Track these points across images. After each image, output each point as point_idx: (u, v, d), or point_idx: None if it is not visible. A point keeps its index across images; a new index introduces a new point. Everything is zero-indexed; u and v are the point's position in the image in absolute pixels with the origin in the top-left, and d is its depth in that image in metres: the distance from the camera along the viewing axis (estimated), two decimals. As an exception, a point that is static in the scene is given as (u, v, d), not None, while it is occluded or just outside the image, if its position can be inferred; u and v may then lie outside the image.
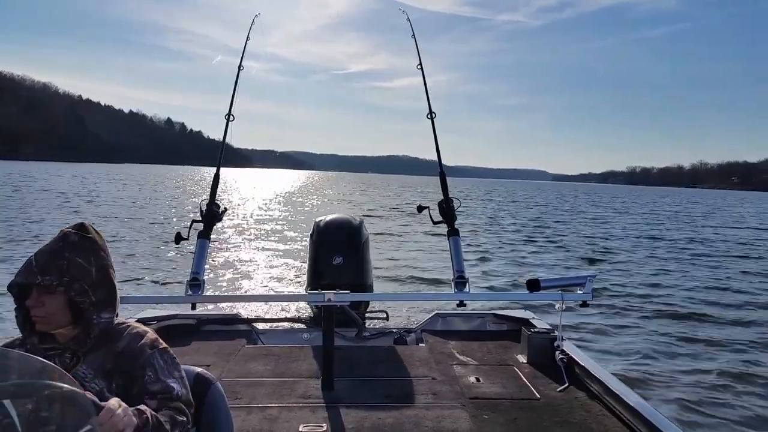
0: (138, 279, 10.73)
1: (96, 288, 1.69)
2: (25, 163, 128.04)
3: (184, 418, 1.66)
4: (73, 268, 1.66)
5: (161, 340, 1.78)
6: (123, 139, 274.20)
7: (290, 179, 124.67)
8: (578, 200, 66.96)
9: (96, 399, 1.42)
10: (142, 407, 1.57)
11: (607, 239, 22.23)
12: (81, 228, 1.75)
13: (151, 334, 1.78)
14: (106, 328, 1.72)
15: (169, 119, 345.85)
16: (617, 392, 3.02)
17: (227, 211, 4.40)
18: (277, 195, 52.07)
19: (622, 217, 37.85)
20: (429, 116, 4.59)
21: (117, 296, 1.78)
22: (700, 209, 55.28)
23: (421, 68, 4.77)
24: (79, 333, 1.69)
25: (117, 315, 1.79)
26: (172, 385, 1.68)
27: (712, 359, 7.16)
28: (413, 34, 4.95)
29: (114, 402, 1.44)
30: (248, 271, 12.22)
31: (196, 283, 3.88)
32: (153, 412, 1.57)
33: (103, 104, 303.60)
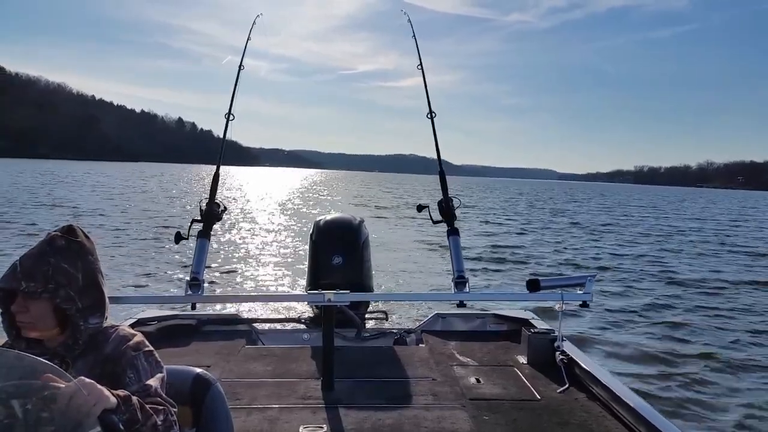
0: (138, 279, 10.73)
1: (83, 293, 1.65)
2: (44, 161, 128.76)
3: (164, 407, 1.58)
4: (58, 273, 1.61)
5: (147, 343, 1.74)
6: (135, 138, 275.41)
7: (299, 178, 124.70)
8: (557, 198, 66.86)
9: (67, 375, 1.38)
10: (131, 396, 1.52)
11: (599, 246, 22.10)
12: (69, 231, 1.69)
13: (138, 337, 1.74)
14: (94, 333, 1.68)
15: (180, 119, 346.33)
16: (618, 393, 3.00)
17: (227, 210, 4.39)
18: (287, 194, 52.03)
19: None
20: (429, 116, 4.58)
21: (106, 301, 1.73)
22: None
23: (422, 68, 4.77)
24: (67, 339, 1.65)
25: (106, 319, 1.74)
26: (150, 383, 1.64)
27: (713, 358, 7.13)
28: (413, 35, 4.95)
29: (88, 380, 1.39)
30: (248, 271, 12.22)
31: (196, 283, 3.87)
32: (139, 399, 1.53)
33: (115, 104, 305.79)
